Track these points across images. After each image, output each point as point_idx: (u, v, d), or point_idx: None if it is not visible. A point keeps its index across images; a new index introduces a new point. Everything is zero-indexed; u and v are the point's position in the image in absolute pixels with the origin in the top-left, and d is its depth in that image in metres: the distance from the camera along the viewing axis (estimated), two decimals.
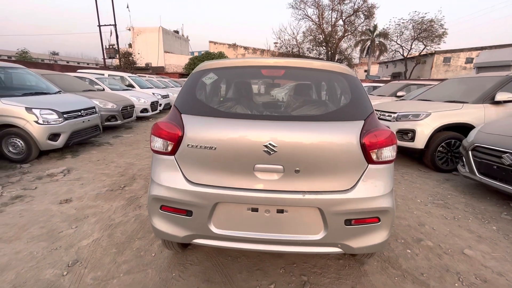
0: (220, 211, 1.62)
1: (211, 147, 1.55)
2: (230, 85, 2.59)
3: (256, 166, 1.55)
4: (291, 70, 1.79)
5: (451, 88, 5.36)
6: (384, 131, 1.59)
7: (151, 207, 1.72)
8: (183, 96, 1.77)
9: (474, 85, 4.90)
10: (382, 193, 1.58)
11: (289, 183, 1.56)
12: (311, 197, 1.53)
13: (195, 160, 1.60)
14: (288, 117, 1.67)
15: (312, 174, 1.56)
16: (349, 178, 1.58)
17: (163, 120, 1.71)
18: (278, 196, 1.54)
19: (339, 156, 1.54)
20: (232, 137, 1.55)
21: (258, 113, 1.79)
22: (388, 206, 1.59)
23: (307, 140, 1.53)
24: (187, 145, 1.59)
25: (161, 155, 1.68)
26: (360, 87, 1.77)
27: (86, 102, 5.53)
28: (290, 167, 1.54)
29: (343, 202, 1.54)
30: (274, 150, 1.51)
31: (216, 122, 1.60)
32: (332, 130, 1.55)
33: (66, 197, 3.33)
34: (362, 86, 1.78)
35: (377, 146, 1.55)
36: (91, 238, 2.48)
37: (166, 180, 1.64)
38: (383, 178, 1.61)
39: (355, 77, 1.82)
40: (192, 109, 1.69)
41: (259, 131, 1.54)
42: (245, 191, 1.56)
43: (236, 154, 1.55)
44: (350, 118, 1.62)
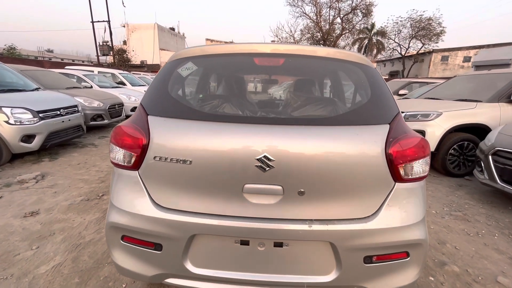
0: (199, 244, 1.22)
1: (185, 161, 1.15)
2: (214, 78, 2.16)
3: (246, 186, 1.16)
4: (293, 59, 1.39)
5: (460, 85, 5.00)
6: (417, 138, 1.20)
7: (109, 238, 1.31)
8: (152, 92, 1.36)
9: (486, 82, 4.54)
10: (413, 221, 1.20)
11: (290, 209, 1.17)
12: (320, 228, 1.14)
13: (165, 177, 1.20)
14: (289, 120, 1.27)
15: (322, 197, 1.17)
16: (370, 201, 1.19)
17: (125, 123, 1.30)
18: (276, 227, 1.15)
19: (357, 172, 1.15)
20: (213, 147, 1.15)
21: (249, 114, 1.38)
22: (420, 238, 1.21)
23: (314, 152, 1.14)
24: (153, 158, 1.19)
25: (121, 170, 1.28)
26: (381, 81, 1.38)
27: (67, 100, 5.09)
28: (292, 187, 1.15)
29: (362, 234, 1.15)
30: (270, 165, 1.12)
31: (192, 126, 1.20)
32: (348, 138, 1.16)
33: (33, 208, 2.91)
34: (383, 80, 1.39)
35: (408, 159, 1.16)
36: (52, 263, 2.07)
37: (128, 204, 1.24)
38: (414, 201, 1.23)
39: (374, 69, 1.42)
40: (162, 109, 1.28)
41: (250, 140, 1.15)
42: (232, 220, 1.17)
43: (219, 171, 1.15)
44: (372, 121, 1.22)
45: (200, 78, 1.89)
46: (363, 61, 1.42)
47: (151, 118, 1.25)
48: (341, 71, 1.60)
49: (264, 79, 2.88)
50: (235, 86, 1.76)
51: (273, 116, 1.30)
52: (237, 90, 1.77)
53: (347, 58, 1.40)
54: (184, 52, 1.46)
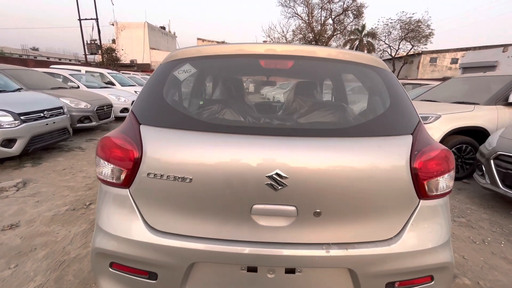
0: (200, 272, 1.07)
1: (184, 178, 1.00)
2: (216, 83, 1.99)
3: (255, 207, 1.01)
4: (303, 61, 1.25)
5: (457, 87, 4.99)
6: (443, 150, 1.09)
7: (96, 265, 1.15)
8: (145, 98, 1.20)
9: (483, 85, 4.55)
10: (439, 242, 1.08)
11: (305, 232, 1.04)
12: (338, 253, 1.01)
13: (161, 197, 1.05)
14: (303, 131, 1.13)
15: (340, 218, 1.04)
16: (393, 221, 1.06)
17: (114, 133, 1.14)
18: (289, 253, 1.01)
19: (380, 189, 1.03)
20: (216, 162, 1.00)
21: (259, 124, 1.23)
22: (446, 260, 1.09)
23: (333, 167, 1.00)
24: (147, 174, 1.03)
25: (110, 187, 1.11)
26: (399, 86, 1.26)
27: (51, 101, 4.82)
28: (307, 208, 1.02)
29: (385, 259, 1.03)
30: (283, 183, 0.98)
31: (191, 138, 1.05)
32: (370, 151, 1.03)
33: (13, 220, 2.68)
34: (401, 84, 1.27)
35: (434, 173, 1.05)
36: (31, 284, 1.87)
37: (117, 227, 1.08)
38: (440, 219, 1.11)
39: (391, 72, 1.30)
40: (156, 117, 1.12)
41: (260, 154, 1.00)
42: (238, 245, 1.02)
43: (224, 190, 1.00)
44: (393, 132, 1.10)
45: (198, 82, 1.72)
46: (379, 64, 1.30)
47: (144, 128, 1.09)
48: (357, 75, 1.48)
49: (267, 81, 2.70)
50: (237, 91, 1.60)
51: (285, 127, 1.15)
52: (239, 96, 1.61)
53: (363, 61, 1.27)
54: (181, 53, 1.30)
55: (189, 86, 1.53)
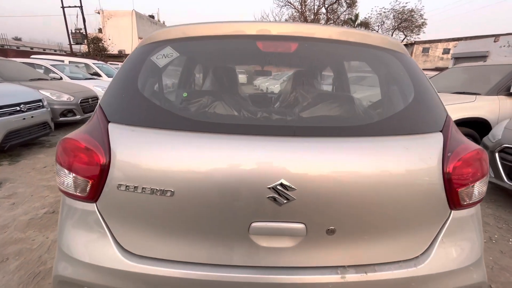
0: None
1: (164, 191, 0.79)
2: (204, 71, 1.74)
3: (254, 225, 0.82)
4: (310, 44, 1.03)
5: (456, 77, 4.85)
6: (478, 150, 0.91)
7: None
8: (115, 90, 0.97)
9: (483, 74, 4.42)
10: (472, 260, 0.92)
11: (315, 254, 0.85)
12: (355, 278, 0.83)
13: (136, 214, 0.84)
14: (313, 130, 0.91)
15: (358, 236, 0.85)
16: (420, 237, 0.89)
17: (76, 133, 0.91)
18: (296, 279, 0.83)
19: (406, 199, 0.84)
20: (204, 171, 0.79)
21: (257, 122, 1.01)
22: (480, 280, 0.93)
23: (351, 174, 0.81)
24: (117, 186, 0.81)
25: (74, 201, 0.90)
26: (422, 74, 1.06)
27: (29, 93, 4.46)
28: (319, 225, 0.83)
29: (410, 283, 0.85)
30: (289, 196, 0.78)
31: (173, 139, 0.83)
32: (395, 153, 0.84)
33: None
34: (424, 73, 1.07)
35: (470, 178, 0.87)
36: None
37: (83, 251, 0.87)
38: (472, 232, 0.94)
39: (412, 58, 1.10)
40: (129, 113, 0.90)
41: (261, 159, 0.80)
42: (234, 271, 0.83)
43: (215, 205, 0.80)
44: (420, 129, 0.91)
45: (182, 69, 1.48)
46: (400, 49, 1.09)
47: (112, 127, 0.87)
48: (367, 61, 1.27)
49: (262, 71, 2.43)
50: (229, 81, 1.37)
51: (288, 125, 0.94)
52: (232, 87, 1.38)
53: (381, 44, 1.06)
54: (160, 34, 1.06)
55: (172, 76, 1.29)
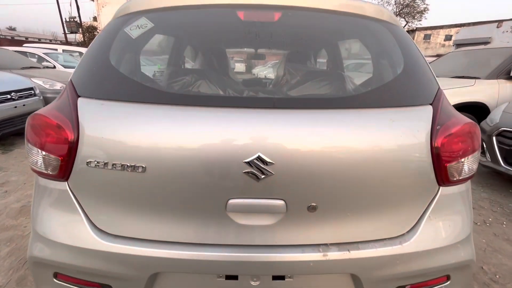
0: (166, 283, 0.86)
1: (135, 167, 0.75)
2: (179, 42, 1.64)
3: (231, 202, 0.78)
4: (294, 13, 0.97)
5: (456, 61, 4.75)
6: (469, 124, 0.86)
7: (36, 276, 0.92)
8: (87, 64, 0.91)
9: (483, 58, 4.32)
10: (460, 237, 0.89)
11: (296, 232, 0.82)
12: (338, 256, 0.80)
13: (108, 192, 0.80)
14: (292, 101, 0.87)
15: (341, 213, 0.82)
16: (406, 214, 0.85)
17: (45, 109, 0.86)
18: (276, 258, 0.80)
19: (391, 174, 0.81)
20: (177, 145, 0.75)
21: (233, 93, 0.96)
22: (468, 258, 0.90)
23: (332, 147, 0.77)
24: (87, 163, 0.77)
25: (45, 181, 0.86)
26: (414, 45, 1.00)
27: (20, 81, 4.38)
28: (299, 201, 0.79)
29: (395, 260, 0.83)
30: (267, 170, 0.74)
31: (143, 112, 0.79)
32: (380, 126, 0.80)
33: None
34: (415, 44, 1.01)
35: (460, 153, 0.83)
36: None
37: (56, 231, 0.84)
38: (461, 210, 0.91)
39: (404, 30, 1.04)
40: (99, 87, 0.85)
41: (237, 132, 0.76)
42: (211, 250, 0.80)
43: (188, 182, 0.76)
44: (408, 101, 0.86)
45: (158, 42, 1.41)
46: (391, 20, 1.03)
47: (82, 101, 0.82)
48: (362, 32, 1.20)
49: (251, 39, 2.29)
50: (207, 54, 1.29)
51: (268, 97, 0.89)
52: (210, 60, 1.31)
53: (372, 15, 0.99)
54: (134, 4, 1.00)
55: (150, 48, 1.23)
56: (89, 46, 0.96)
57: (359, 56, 5.15)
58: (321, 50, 2.11)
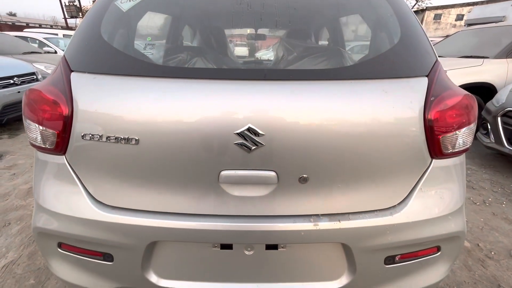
0: (164, 251, 0.90)
1: (128, 139, 0.77)
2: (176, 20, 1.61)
3: (223, 174, 0.80)
4: None
5: (464, 41, 4.58)
6: (465, 96, 0.85)
7: (41, 246, 0.97)
8: (79, 38, 0.91)
9: (493, 36, 4.15)
10: (451, 209, 0.90)
11: (287, 203, 0.84)
12: (328, 226, 0.83)
13: (104, 164, 0.82)
14: (283, 72, 0.87)
15: (332, 184, 0.83)
16: (397, 186, 0.86)
17: (42, 84, 0.88)
18: (268, 227, 0.83)
19: (383, 146, 0.81)
20: (167, 117, 0.76)
21: (224, 66, 0.95)
22: (458, 229, 0.92)
23: (323, 119, 0.77)
24: (82, 136, 0.79)
25: (45, 155, 0.89)
26: (412, 15, 0.97)
27: (22, 66, 4.38)
28: (291, 173, 0.80)
29: (385, 231, 0.85)
30: (258, 141, 0.75)
31: (134, 85, 0.79)
32: (372, 97, 0.79)
33: None
34: (414, 14, 0.98)
35: (454, 125, 0.82)
36: (3, 261, 1.74)
37: (57, 203, 0.87)
38: (453, 182, 0.92)
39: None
40: (91, 61, 0.85)
41: (226, 102, 0.76)
42: (205, 220, 0.83)
43: (180, 153, 0.78)
44: (403, 73, 0.85)
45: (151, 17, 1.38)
46: None
47: (75, 75, 0.83)
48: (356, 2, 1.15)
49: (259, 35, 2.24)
50: (205, 33, 1.27)
51: (259, 68, 0.88)
52: (208, 39, 1.29)
53: None
54: None
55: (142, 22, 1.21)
56: (82, 20, 0.95)
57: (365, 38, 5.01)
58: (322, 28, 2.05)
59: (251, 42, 2.40)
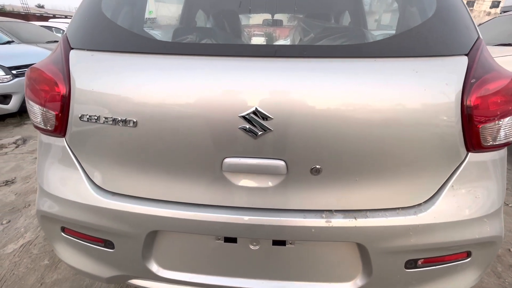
0: (166, 241, 0.85)
1: (125, 121, 0.71)
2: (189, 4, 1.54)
3: (226, 161, 0.73)
4: None
5: (501, 28, 4.18)
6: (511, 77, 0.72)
7: (44, 229, 0.96)
8: (80, 14, 0.86)
9: None
10: (488, 211, 0.78)
11: (297, 196, 0.76)
12: (342, 224, 0.74)
13: (103, 148, 0.78)
14: (295, 49, 0.77)
15: (348, 177, 0.74)
16: (425, 182, 0.76)
17: (42, 62, 0.84)
18: (275, 222, 0.75)
19: (410, 136, 0.70)
20: (166, 98, 0.70)
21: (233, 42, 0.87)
22: (495, 234, 0.80)
23: (340, 102, 0.67)
24: (79, 117, 0.75)
25: (47, 137, 0.86)
26: None
27: (44, 54, 4.49)
28: (302, 163, 0.72)
29: (408, 232, 0.75)
30: (265, 126, 0.67)
31: (131, 62, 0.73)
32: (400, 78, 0.68)
33: (9, 177, 2.61)
34: None
35: (498, 113, 0.70)
36: (21, 240, 1.81)
37: (58, 187, 0.85)
38: (491, 180, 0.80)
39: None
40: (91, 38, 0.80)
41: (231, 83, 0.68)
42: (208, 211, 0.77)
43: (180, 137, 0.71)
44: (438, 50, 0.73)
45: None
46: None
47: (74, 53, 0.78)
48: None
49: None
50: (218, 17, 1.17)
51: (269, 44, 0.80)
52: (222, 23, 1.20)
53: None
54: None
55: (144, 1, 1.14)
56: None
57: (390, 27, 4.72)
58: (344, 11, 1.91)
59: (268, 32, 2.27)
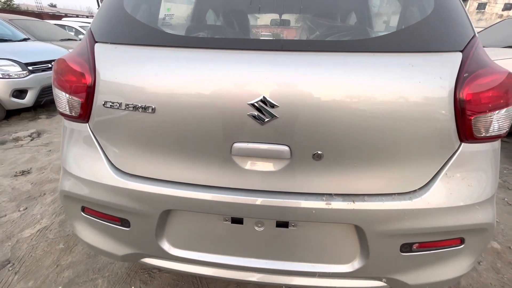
0: (177, 221, 0.92)
1: (145, 108, 0.79)
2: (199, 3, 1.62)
3: (235, 146, 0.80)
4: None
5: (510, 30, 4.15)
6: (504, 74, 0.77)
7: (66, 209, 1.04)
8: (104, 10, 0.94)
9: None
10: (479, 199, 0.83)
11: (300, 180, 0.82)
12: (341, 206, 0.80)
13: (123, 132, 0.86)
14: (300, 44, 0.84)
15: (348, 163, 0.80)
16: (420, 169, 0.81)
17: (68, 54, 0.93)
18: (279, 203, 0.82)
19: (406, 125, 0.76)
20: (181, 86, 0.77)
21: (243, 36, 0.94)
22: (486, 221, 0.85)
23: (342, 93, 0.74)
24: (103, 104, 0.83)
25: (70, 122, 0.94)
26: None
27: (59, 52, 4.66)
28: (305, 148, 0.78)
29: (403, 216, 0.80)
30: (272, 113, 0.74)
31: (151, 55, 0.81)
32: (397, 71, 0.74)
33: (25, 167, 2.73)
34: None
35: (489, 107, 0.75)
36: (37, 226, 1.91)
37: (81, 168, 0.93)
38: (484, 169, 0.84)
39: None
40: (113, 32, 0.88)
41: (241, 72, 0.75)
42: (217, 192, 0.84)
43: (193, 123, 0.79)
44: (435, 46, 0.78)
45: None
46: None
47: (99, 46, 0.86)
48: None
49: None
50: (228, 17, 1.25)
51: (276, 39, 0.86)
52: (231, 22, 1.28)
53: None
54: None
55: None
56: None
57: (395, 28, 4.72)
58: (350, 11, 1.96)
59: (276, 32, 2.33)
